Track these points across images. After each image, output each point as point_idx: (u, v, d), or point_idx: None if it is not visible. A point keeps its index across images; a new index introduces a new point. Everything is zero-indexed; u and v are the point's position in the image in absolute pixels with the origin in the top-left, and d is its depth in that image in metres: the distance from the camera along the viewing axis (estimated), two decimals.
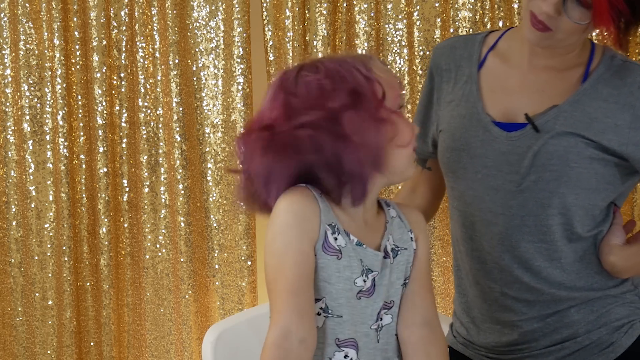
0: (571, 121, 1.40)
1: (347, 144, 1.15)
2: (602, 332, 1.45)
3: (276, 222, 1.18)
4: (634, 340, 1.45)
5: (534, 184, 1.41)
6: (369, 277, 1.22)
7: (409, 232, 1.30)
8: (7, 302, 2.61)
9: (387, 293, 1.26)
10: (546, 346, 1.47)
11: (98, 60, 2.47)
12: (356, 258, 1.21)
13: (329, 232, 1.19)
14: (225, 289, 2.55)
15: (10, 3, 2.47)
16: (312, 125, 1.15)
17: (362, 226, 1.24)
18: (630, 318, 1.46)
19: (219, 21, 2.46)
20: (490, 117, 1.46)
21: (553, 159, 1.40)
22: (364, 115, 1.15)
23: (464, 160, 1.47)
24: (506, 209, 1.44)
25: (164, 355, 2.61)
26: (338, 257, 1.19)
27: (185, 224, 2.50)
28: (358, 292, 1.22)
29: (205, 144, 2.50)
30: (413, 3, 2.37)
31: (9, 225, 2.57)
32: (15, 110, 2.52)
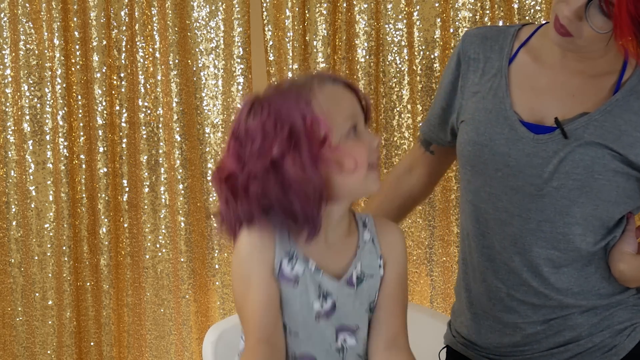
0: (601, 131, 1.37)
1: (291, 189, 1.21)
2: (605, 335, 1.44)
3: (237, 253, 1.26)
4: (636, 343, 1.44)
5: (556, 190, 1.39)
6: (328, 301, 1.28)
7: (379, 258, 1.33)
8: (7, 302, 2.61)
9: (350, 318, 1.30)
10: (548, 348, 1.47)
11: (98, 60, 2.47)
12: (313, 283, 1.26)
13: (285, 261, 1.25)
14: (226, 289, 2.55)
15: (10, 3, 2.47)
16: (259, 176, 1.22)
17: (324, 249, 1.29)
18: (633, 321, 1.45)
19: (219, 21, 2.46)
20: (517, 116, 1.43)
21: (578, 167, 1.37)
22: (303, 158, 1.20)
23: (485, 156, 1.44)
24: (523, 212, 1.42)
25: (164, 355, 2.61)
26: (294, 285, 1.26)
27: (185, 224, 2.50)
28: (316, 314, 1.28)
29: (205, 144, 2.50)
30: (413, 3, 2.37)
31: (9, 225, 2.57)
32: (15, 110, 2.52)
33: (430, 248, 2.48)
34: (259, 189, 1.22)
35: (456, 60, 1.54)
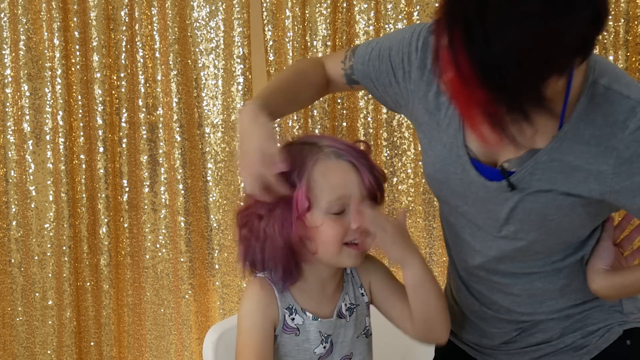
0: (549, 174, 1.26)
1: (265, 242, 1.35)
2: (577, 336, 1.44)
3: (243, 307, 1.38)
4: (610, 343, 1.42)
5: (513, 233, 1.34)
6: (328, 341, 1.41)
7: (360, 287, 1.45)
8: (7, 302, 2.61)
9: (344, 349, 1.42)
10: (522, 347, 1.47)
11: (98, 60, 2.47)
12: (315, 331, 1.39)
13: (287, 314, 1.38)
14: (226, 289, 2.55)
15: (10, 3, 2.47)
16: (248, 224, 1.37)
17: (318, 299, 1.41)
18: (608, 322, 1.43)
19: (219, 21, 2.46)
20: (468, 154, 1.33)
21: (531, 215, 1.30)
22: (276, 222, 1.34)
23: (445, 192, 1.40)
24: (484, 248, 1.38)
25: (164, 355, 2.61)
26: (296, 334, 1.39)
27: (185, 224, 2.50)
28: (318, 358, 1.40)
29: (205, 144, 2.50)
30: (413, 3, 2.37)
31: (9, 225, 2.57)
32: (15, 110, 2.52)
33: (430, 248, 2.49)
34: (246, 233, 1.37)
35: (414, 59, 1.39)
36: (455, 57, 1.08)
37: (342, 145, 1.36)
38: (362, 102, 2.45)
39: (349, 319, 1.42)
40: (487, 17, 1.04)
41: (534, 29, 1.04)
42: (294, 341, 1.39)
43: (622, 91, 1.22)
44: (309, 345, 1.39)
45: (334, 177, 1.33)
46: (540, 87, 1.08)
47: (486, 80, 1.07)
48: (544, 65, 1.07)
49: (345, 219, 1.33)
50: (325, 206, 1.32)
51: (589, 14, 1.07)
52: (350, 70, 1.50)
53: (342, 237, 1.33)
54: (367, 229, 1.33)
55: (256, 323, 1.36)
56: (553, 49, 1.06)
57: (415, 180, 2.45)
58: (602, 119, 1.22)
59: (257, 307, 1.36)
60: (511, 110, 1.10)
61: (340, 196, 1.32)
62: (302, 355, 1.40)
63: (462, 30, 1.06)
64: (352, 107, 2.47)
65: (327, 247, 1.34)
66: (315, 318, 1.39)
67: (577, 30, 1.07)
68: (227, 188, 2.51)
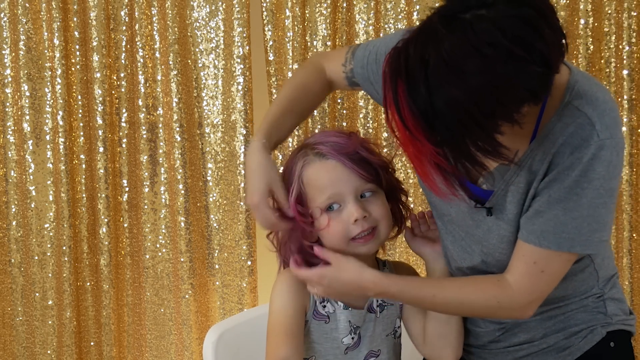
0: (518, 196, 1.28)
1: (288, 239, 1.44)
2: (560, 337, 1.43)
3: (276, 289, 1.43)
4: (593, 344, 1.42)
5: (491, 251, 1.36)
6: (357, 333, 1.44)
7: None
8: (7, 302, 2.61)
9: (373, 343, 1.46)
10: (505, 347, 1.48)
11: (98, 60, 2.47)
12: (344, 320, 1.43)
13: (318, 301, 1.42)
14: (226, 289, 2.55)
15: (10, 3, 2.47)
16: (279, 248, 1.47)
17: None
18: (590, 324, 1.43)
19: (219, 21, 2.46)
20: None
21: (503, 243, 1.33)
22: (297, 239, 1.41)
23: (432, 199, 1.44)
24: (467, 258, 1.41)
25: (164, 355, 2.61)
26: (326, 321, 1.43)
27: (185, 224, 2.50)
28: (345, 348, 1.44)
29: (205, 144, 2.50)
30: (413, 3, 2.37)
31: (9, 225, 2.57)
32: (15, 110, 2.52)
33: None
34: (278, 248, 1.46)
35: None
36: (400, 107, 1.11)
37: (326, 144, 1.39)
38: (362, 102, 2.45)
39: (379, 314, 1.45)
40: (428, 75, 1.08)
41: (474, 87, 1.07)
42: (322, 329, 1.42)
43: (591, 117, 1.22)
44: (337, 334, 1.43)
45: (321, 178, 1.38)
46: (490, 135, 1.11)
47: (430, 133, 1.10)
48: (488, 118, 1.09)
49: (343, 214, 1.37)
50: (321, 206, 1.38)
51: (536, 68, 1.08)
52: (350, 73, 1.52)
53: (344, 232, 1.37)
54: (369, 217, 1.37)
55: (287, 303, 1.40)
56: (494, 103, 1.08)
57: (415, 180, 2.45)
58: (563, 138, 1.23)
59: (288, 289, 1.40)
60: (459, 160, 1.13)
61: (331, 195, 1.37)
62: (330, 343, 1.43)
63: (405, 84, 1.10)
64: (352, 107, 2.47)
65: (333, 243, 1.39)
66: (346, 307, 1.42)
67: (520, 83, 1.08)
68: (227, 188, 2.51)
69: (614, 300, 1.45)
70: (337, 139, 1.40)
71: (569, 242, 1.25)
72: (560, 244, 1.25)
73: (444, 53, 1.07)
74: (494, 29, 1.07)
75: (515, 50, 1.06)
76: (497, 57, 1.06)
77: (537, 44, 1.08)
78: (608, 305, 1.44)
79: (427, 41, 1.10)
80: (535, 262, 1.28)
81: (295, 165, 1.40)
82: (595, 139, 1.20)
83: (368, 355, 1.46)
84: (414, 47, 1.11)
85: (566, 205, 1.23)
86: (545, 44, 1.08)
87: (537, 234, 1.26)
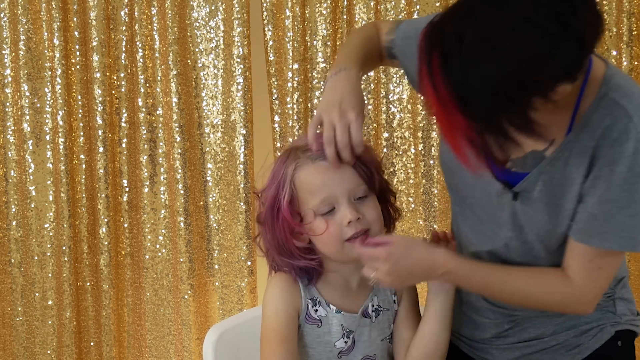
0: (550, 187, 1.28)
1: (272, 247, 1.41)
2: (570, 334, 1.44)
3: (268, 293, 1.42)
4: (602, 343, 1.43)
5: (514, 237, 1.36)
6: (351, 337, 1.42)
7: (393, 294, 1.47)
8: (7, 302, 2.61)
9: (368, 348, 1.44)
10: (514, 342, 1.48)
11: (98, 60, 2.47)
12: (337, 324, 1.41)
13: (310, 305, 1.40)
14: (225, 289, 2.55)
15: (10, 3, 2.47)
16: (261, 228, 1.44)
17: (344, 293, 1.43)
18: (600, 322, 1.43)
19: (219, 21, 2.46)
20: None
21: (528, 227, 1.33)
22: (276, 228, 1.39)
23: (455, 182, 1.43)
24: (488, 242, 1.40)
25: (164, 355, 2.61)
26: (318, 325, 1.41)
27: (185, 224, 2.50)
28: (339, 352, 1.42)
29: (205, 144, 2.50)
30: (413, 3, 2.37)
31: (9, 225, 2.57)
32: (15, 110, 2.52)
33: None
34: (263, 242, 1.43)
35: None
36: (434, 81, 1.12)
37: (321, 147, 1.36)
38: None
39: (375, 319, 1.44)
40: (462, 50, 1.08)
41: (509, 63, 1.07)
42: (315, 332, 1.41)
43: (628, 110, 1.22)
44: (330, 338, 1.41)
45: (313, 181, 1.36)
46: (524, 112, 1.11)
47: (464, 108, 1.11)
48: (522, 94, 1.10)
49: (337, 217, 1.35)
50: (314, 209, 1.35)
51: (570, 45, 1.08)
52: (391, 44, 1.51)
53: (339, 235, 1.35)
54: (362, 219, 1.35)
55: (279, 307, 1.38)
56: (528, 79, 1.09)
57: (415, 180, 2.45)
58: (600, 131, 1.23)
59: (280, 293, 1.39)
60: (491, 135, 1.13)
61: (324, 198, 1.35)
62: (323, 347, 1.41)
63: (440, 59, 1.10)
64: None
65: (329, 247, 1.37)
66: (339, 311, 1.41)
67: (554, 60, 1.08)
68: (226, 188, 2.51)
69: (623, 300, 1.46)
70: None
71: (631, 242, 1.25)
72: (622, 244, 1.26)
73: (479, 29, 1.08)
74: (529, 5, 1.07)
75: (549, 27, 1.07)
76: (531, 33, 1.07)
77: (572, 22, 1.08)
78: (617, 305, 1.45)
79: (462, 17, 1.11)
80: (591, 261, 1.28)
81: (286, 168, 1.38)
82: (634, 132, 1.20)
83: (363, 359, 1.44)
84: (450, 22, 1.12)
85: (619, 204, 1.23)
86: (580, 22, 1.09)
87: (598, 236, 1.26)
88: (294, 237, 1.38)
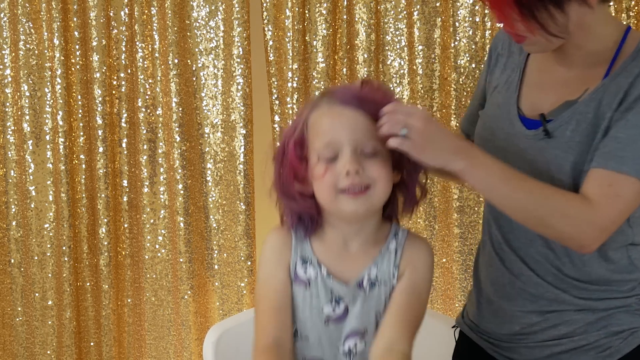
0: (584, 126, 1.34)
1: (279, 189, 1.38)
2: (601, 334, 1.43)
3: (261, 257, 1.39)
4: (633, 348, 1.42)
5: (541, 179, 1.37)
6: (340, 305, 1.36)
7: (395, 267, 1.37)
8: (7, 302, 2.61)
9: (359, 321, 1.36)
10: (543, 340, 1.47)
11: (98, 60, 2.47)
12: (325, 288, 1.35)
13: (299, 263, 1.36)
14: (225, 290, 2.55)
15: (10, 3, 2.47)
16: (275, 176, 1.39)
17: (339, 256, 1.37)
18: (632, 325, 1.43)
19: (218, 21, 2.46)
20: (518, 111, 1.44)
21: (562, 171, 1.36)
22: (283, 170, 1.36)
23: (489, 150, 1.42)
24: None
25: (164, 356, 2.61)
26: (306, 286, 1.36)
27: (185, 224, 2.50)
28: (326, 318, 1.36)
29: (205, 144, 2.50)
30: (413, 3, 2.37)
31: (9, 225, 2.57)
32: (15, 110, 2.52)
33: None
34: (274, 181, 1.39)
35: (488, 57, 1.59)
36: None
37: (344, 91, 1.33)
38: None
39: (368, 292, 1.36)
40: None
41: None
42: (302, 294, 1.36)
43: None
44: (317, 302, 1.36)
45: (323, 122, 1.32)
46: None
47: None
48: None
49: (338, 165, 1.30)
50: (317, 152, 1.31)
51: None
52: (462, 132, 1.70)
53: (334, 183, 1.30)
54: (363, 174, 1.29)
55: (271, 272, 1.36)
56: None
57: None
58: (637, 72, 1.31)
59: (271, 254, 1.38)
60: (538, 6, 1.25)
61: (328, 142, 1.30)
62: (310, 312, 1.36)
63: None
64: None
65: (323, 193, 1.32)
66: (329, 275, 1.36)
67: None
68: (226, 188, 2.51)
69: None
70: (355, 89, 1.33)
71: None
72: (639, 171, 1.28)
73: None
74: None
75: None
76: None
77: None
78: None
79: None
80: (611, 185, 1.29)
81: (306, 108, 1.35)
82: None
83: (352, 333, 1.36)
84: None
85: None
86: None
87: (616, 159, 1.29)
88: (299, 181, 1.34)
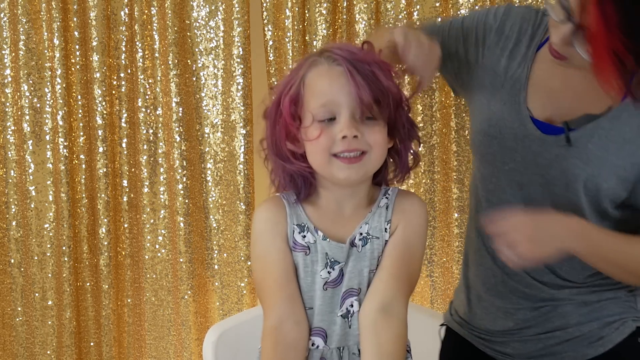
0: (605, 142, 1.34)
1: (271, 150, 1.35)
2: (594, 325, 1.45)
3: (254, 231, 1.34)
4: (624, 337, 1.44)
5: (558, 196, 1.37)
6: (335, 268, 1.32)
7: (387, 222, 1.34)
8: (7, 302, 2.61)
9: (354, 280, 1.33)
10: (537, 333, 1.48)
11: (98, 60, 2.46)
12: (322, 252, 1.32)
13: (297, 231, 1.32)
14: (225, 290, 2.55)
15: (10, 3, 2.47)
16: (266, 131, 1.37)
17: (334, 220, 1.34)
18: (622, 315, 1.45)
19: (218, 21, 2.46)
20: (529, 112, 1.42)
21: (577, 182, 1.35)
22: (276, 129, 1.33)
23: (494, 148, 1.43)
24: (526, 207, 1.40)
25: (164, 356, 2.61)
26: (306, 252, 1.32)
27: (185, 224, 2.50)
28: (324, 283, 1.32)
29: (205, 144, 2.50)
30: (413, 3, 2.37)
31: (9, 225, 2.57)
32: (15, 110, 2.52)
33: (430, 249, 2.48)
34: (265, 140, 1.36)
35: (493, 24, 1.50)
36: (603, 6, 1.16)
37: (342, 50, 1.28)
38: None
39: (361, 249, 1.33)
40: None
41: None
42: (303, 260, 1.32)
43: None
44: (317, 267, 1.32)
45: (321, 82, 1.27)
46: None
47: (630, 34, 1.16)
48: None
49: (334, 128, 1.26)
50: (313, 112, 1.27)
51: None
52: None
53: (329, 146, 1.27)
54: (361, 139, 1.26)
55: (269, 244, 1.31)
56: None
57: (415, 180, 2.45)
58: None
59: (265, 226, 1.33)
60: None
61: (325, 102, 1.26)
62: (310, 278, 1.32)
63: None
64: None
65: (316, 156, 1.29)
66: (325, 238, 1.32)
67: None
68: (226, 188, 2.51)
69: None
70: (356, 50, 1.29)
71: None
72: None
73: None
74: None
75: None
76: None
77: None
78: (638, 300, 1.47)
79: None
80: None
81: (303, 64, 1.30)
82: None
83: (346, 294, 1.33)
84: None
85: None
86: None
87: None
88: (291, 141, 1.31)
